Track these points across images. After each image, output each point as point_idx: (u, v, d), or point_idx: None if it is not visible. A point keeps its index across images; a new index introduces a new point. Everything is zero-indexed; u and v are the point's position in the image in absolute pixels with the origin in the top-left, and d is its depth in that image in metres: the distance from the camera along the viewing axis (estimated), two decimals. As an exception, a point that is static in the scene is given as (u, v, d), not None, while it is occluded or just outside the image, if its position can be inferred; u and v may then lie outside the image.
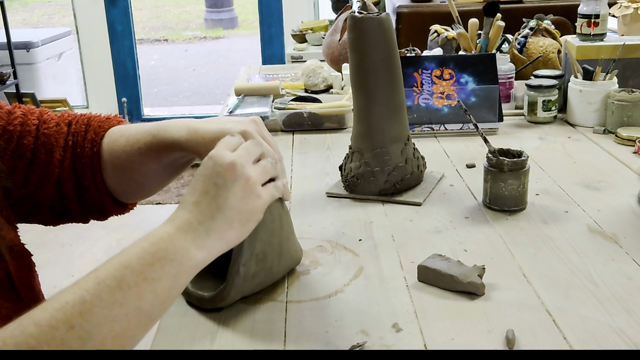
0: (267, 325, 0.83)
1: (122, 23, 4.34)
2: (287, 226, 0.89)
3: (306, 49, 3.72)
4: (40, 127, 0.92)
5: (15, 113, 0.91)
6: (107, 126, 0.95)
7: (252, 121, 0.87)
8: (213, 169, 0.73)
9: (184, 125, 0.88)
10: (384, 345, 0.78)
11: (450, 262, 0.91)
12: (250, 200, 0.73)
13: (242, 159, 0.74)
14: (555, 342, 0.77)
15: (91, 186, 0.93)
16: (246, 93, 1.84)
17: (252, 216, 0.73)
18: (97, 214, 0.98)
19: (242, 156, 0.74)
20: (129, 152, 0.91)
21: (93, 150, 0.93)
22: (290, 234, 0.90)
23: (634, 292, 0.87)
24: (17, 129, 0.89)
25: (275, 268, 0.88)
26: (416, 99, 1.51)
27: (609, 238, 1.02)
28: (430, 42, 2.01)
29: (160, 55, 8.22)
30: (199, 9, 10.04)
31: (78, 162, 0.93)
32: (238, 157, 0.74)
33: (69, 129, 0.94)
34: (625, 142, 1.43)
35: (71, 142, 0.93)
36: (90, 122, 0.95)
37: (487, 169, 1.12)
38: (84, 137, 0.94)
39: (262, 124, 0.88)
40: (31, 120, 0.91)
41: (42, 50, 4.17)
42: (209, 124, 0.87)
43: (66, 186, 0.92)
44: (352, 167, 1.20)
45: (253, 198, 0.73)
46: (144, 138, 0.90)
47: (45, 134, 0.91)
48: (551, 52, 1.81)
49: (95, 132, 0.94)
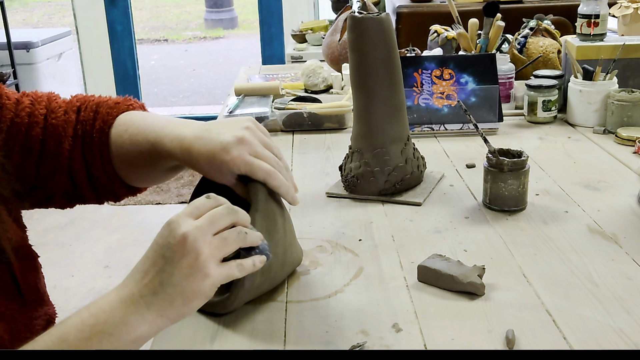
0: (267, 326, 0.83)
1: (122, 23, 4.34)
2: (290, 233, 0.89)
3: (306, 49, 3.72)
4: (48, 116, 0.90)
5: (23, 103, 0.89)
6: (115, 113, 0.92)
7: (246, 128, 0.83)
8: (166, 239, 0.68)
9: (178, 142, 0.84)
10: (384, 345, 0.78)
11: (450, 262, 0.91)
12: (196, 279, 0.67)
13: (198, 231, 0.68)
14: (555, 342, 0.77)
15: (102, 175, 0.92)
16: (246, 93, 1.84)
17: (196, 296, 0.67)
18: (111, 197, 0.97)
19: (200, 228, 0.68)
20: (132, 151, 0.90)
21: (102, 140, 0.91)
22: (293, 240, 0.90)
23: (634, 292, 0.87)
24: (24, 121, 0.88)
25: (279, 275, 0.88)
26: (416, 99, 1.51)
27: (609, 238, 1.02)
28: (430, 42, 2.01)
29: (160, 55, 8.23)
30: (199, 9, 10.04)
31: (88, 152, 0.91)
32: (194, 229, 0.68)
33: (77, 116, 0.92)
34: (625, 142, 1.43)
35: (80, 132, 0.91)
36: (99, 109, 0.93)
37: (487, 169, 1.12)
38: (92, 125, 0.92)
39: (258, 126, 0.85)
40: (39, 110, 0.90)
41: (42, 50, 4.17)
42: (202, 141, 0.82)
43: (79, 176, 0.92)
44: (352, 167, 1.20)
45: (200, 277, 0.67)
46: (142, 144, 0.89)
47: (54, 124, 0.90)
48: (551, 52, 1.81)
49: (103, 121, 0.92)
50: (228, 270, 0.70)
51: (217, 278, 0.69)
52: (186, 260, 0.67)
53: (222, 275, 0.69)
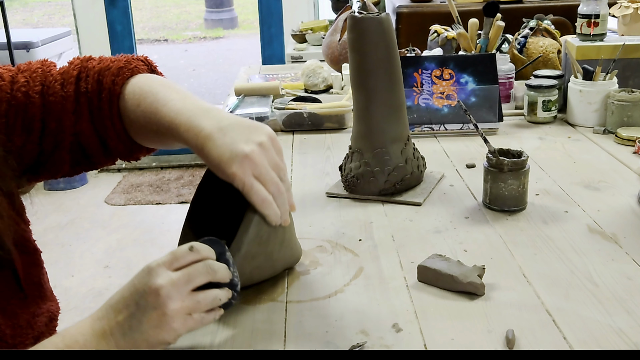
0: (267, 325, 0.83)
1: (122, 23, 4.34)
2: (289, 226, 0.89)
3: (306, 49, 3.71)
4: (45, 94, 0.88)
5: (18, 82, 0.87)
6: (120, 81, 0.88)
7: (259, 144, 0.80)
8: (143, 285, 0.72)
9: (194, 135, 0.82)
10: (384, 345, 0.78)
11: (450, 262, 0.91)
12: (161, 332, 0.71)
13: (172, 287, 0.72)
14: (555, 342, 0.77)
15: (119, 145, 0.90)
16: (246, 93, 1.84)
17: (159, 344, 0.72)
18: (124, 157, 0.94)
19: (175, 284, 0.72)
20: (145, 126, 0.87)
21: (112, 112, 0.88)
22: (292, 227, 0.91)
23: (634, 292, 0.87)
24: (21, 101, 0.86)
25: (275, 255, 0.88)
26: (416, 99, 1.51)
27: (609, 238, 1.02)
28: (430, 42, 2.01)
29: (160, 55, 8.22)
30: (199, 9, 10.04)
31: (99, 124, 0.89)
32: (169, 283, 0.71)
33: (77, 88, 0.89)
34: (625, 142, 1.43)
35: (86, 104, 0.88)
36: (102, 79, 0.89)
37: (487, 169, 1.12)
38: (99, 97, 0.88)
39: (274, 143, 0.82)
40: (34, 89, 0.87)
41: (42, 50, 4.16)
42: (214, 143, 0.80)
43: (91, 144, 0.89)
44: (352, 167, 1.20)
45: (165, 330, 0.71)
46: (157, 124, 0.85)
47: (51, 101, 0.87)
48: (551, 52, 1.81)
49: (110, 92, 0.88)
50: (193, 324, 0.74)
51: (182, 331, 0.73)
52: (156, 313, 0.71)
53: (187, 328, 0.73)
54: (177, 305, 0.72)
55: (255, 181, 0.79)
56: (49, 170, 0.91)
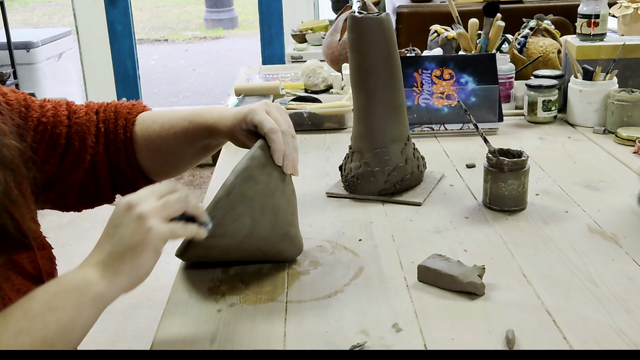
0: (267, 325, 0.83)
1: (122, 23, 4.33)
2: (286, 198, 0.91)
3: (306, 49, 3.72)
4: (71, 116, 0.99)
5: (46, 106, 0.97)
6: (135, 112, 1.03)
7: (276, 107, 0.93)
8: (115, 213, 0.75)
9: (217, 112, 0.97)
10: (384, 345, 0.78)
11: (450, 262, 0.91)
12: (139, 233, 0.72)
13: (140, 197, 0.75)
14: (555, 342, 0.77)
15: (126, 168, 1.01)
16: (246, 93, 1.84)
17: (143, 248, 0.72)
18: (128, 190, 1.02)
19: (142, 196, 0.75)
20: (164, 136, 1.00)
21: (126, 136, 1.01)
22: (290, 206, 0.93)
23: (634, 292, 0.87)
24: (50, 120, 0.96)
25: (265, 225, 0.89)
26: (416, 99, 1.51)
27: (609, 238, 1.02)
28: (430, 42, 2.01)
29: (160, 55, 8.22)
30: (199, 9, 10.04)
31: (112, 147, 1.01)
32: (137, 197, 0.75)
33: (97, 116, 1.01)
34: (625, 142, 1.43)
35: (103, 130, 1.00)
36: (118, 110, 1.03)
37: (487, 169, 1.12)
38: (115, 124, 1.01)
39: (285, 113, 0.93)
40: (61, 112, 0.98)
41: (42, 50, 4.17)
42: (234, 110, 0.95)
43: (100, 170, 1.00)
44: (352, 167, 1.20)
45: (143, 230, 0.72)
46: (179, 124, 0.99)
47: (77, 122, 0.99)
48: (551, 52, 1.81)
49: (125, 119, 1.02)
50: (173, 226, 0.75)
51: (161, 230, 0.73)
52: (131, 218, 0.73)
53: (166, 229, 0.74)
54: (147, 206, 0.73)
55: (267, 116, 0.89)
56: (55, 195, 0.98)
